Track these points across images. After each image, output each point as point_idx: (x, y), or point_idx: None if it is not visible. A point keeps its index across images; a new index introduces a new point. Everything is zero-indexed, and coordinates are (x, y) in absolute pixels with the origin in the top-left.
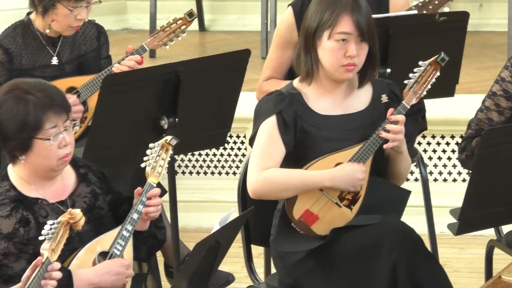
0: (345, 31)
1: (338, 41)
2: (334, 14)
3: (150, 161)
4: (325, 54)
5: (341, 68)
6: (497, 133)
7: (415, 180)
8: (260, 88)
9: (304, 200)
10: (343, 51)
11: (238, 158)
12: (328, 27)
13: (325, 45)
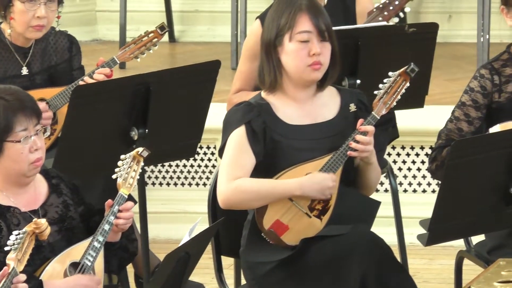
0: (305, 30)
1: (300, 41)
2: (291, 15)
3: (121, 172)
4: (289, 58)
5: (307, 68)
6: (466, 144)
7: (385, 191)
8: (230, 101)
9: (274, 211)
10: (306, 50)
11: (208, 169)
12: (288, 29)
13: (288, 48)
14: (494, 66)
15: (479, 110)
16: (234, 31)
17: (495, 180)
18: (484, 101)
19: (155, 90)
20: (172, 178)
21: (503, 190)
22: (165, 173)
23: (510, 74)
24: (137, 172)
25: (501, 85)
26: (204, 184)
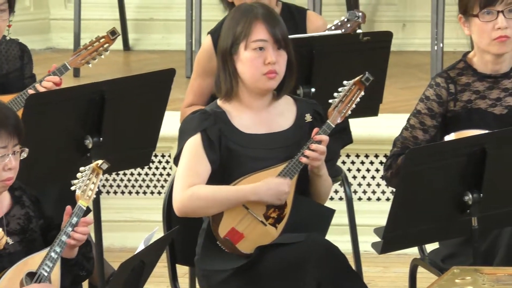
0: (260, 38)
1: (255, 49)
2: (247, 24)
3: (80, 184)
4: (245, 66)
5: (262, 77)
6: (421, 153)
7: (339, 199)
8: (183, 114)
9: (229, 219)
10: (261, 59)
11: (163, 177)
12: (243, 37)
13: (243, 57)
14: (450, 74)
15: (434, 119)
16: (188, 39)
17: (449, 188)
18: (439, 109)
19: (110, 98)
20: (126, 186)
21: (457, 198)
22: (119, 181)
23: (466, 83)
24: (96, 184)
25: (457, 94)
26: (159, 193)
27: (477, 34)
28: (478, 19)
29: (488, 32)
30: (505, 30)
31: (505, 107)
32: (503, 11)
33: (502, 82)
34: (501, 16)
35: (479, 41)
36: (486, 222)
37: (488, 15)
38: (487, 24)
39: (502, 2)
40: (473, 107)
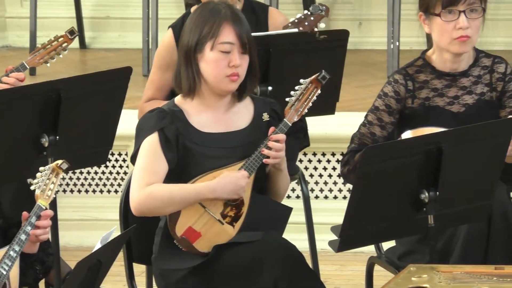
0: (228, 41)
1: (221, 51)
2: (216, 24)
3: (40, 183)
4: (208, 66)
5: (225, 78)
6: (377, 151)
7: (296, 197)
8: (141, 109)
9: (186, 217)
10: (226, 61)
11: (120, 176)
12: (210, 38)
13: (208, 57)
14: (408, 71)
15: (392, 115)
16: (145, 37)
17: (406, 186)
18: (397, 106)
19: (66, 96)
20: (83, 185)
21: (414, 196)
22: (76, 180)
23: (424, 80)
24: (56, 184)
25: (415, 91)
26: (115, 191)
27: (438, 33)
28: (440, 18)
29: (449, 31)
30: (466, 30)
31: (463, 105)
32: (464, 11)
33: (460, 80)
34: (462, 16)
35: (440, 40)
36: (442, 220)
37: (450, 14)
38: (449, 23)
39: (464, 2)
40: (430, 105)
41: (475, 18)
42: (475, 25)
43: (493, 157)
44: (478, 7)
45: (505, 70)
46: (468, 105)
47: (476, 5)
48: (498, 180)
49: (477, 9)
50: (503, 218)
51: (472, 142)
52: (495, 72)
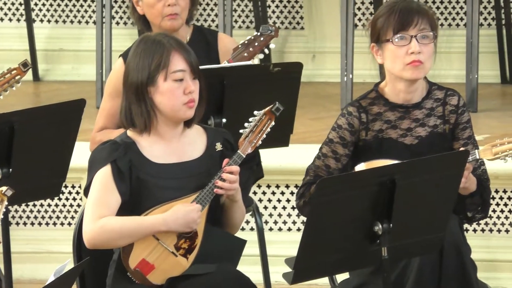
0: (180, 69)
1: (175, 80)
2: (164, 55)
3: None
4: (164, 97)
5: (183, 107)
6: (331, 183)
7: (250, 229)
8: (93, 139)
9: (140, 249)
10: (181, 89)
11: (73, 208)
12: (162, 69)
13: (163, 88)
14: (361, 104)
15: (346, 147)
16: (99, 69)
17: (359, 218)
18: (351, 138)
19: (19, 129)
20: (36, 217)
21: (367, 228)
22: (29, 212)
23: (377, 112)
24: (1, 211)
25: (368, 123)
26: (69, 224)
27: (390, 60)
28: (392, 44)
29: (401, 57)
30: (418, 55)
31: (416, 137)
32: (416, 36)
33: (413, 112)
34: (414, 41)
35: (392, 67)
36: (395, 252)
37: (402, 40)
38: (401, 48)
39: (415, 27)
40: (384, 137)
41: (426, 43)
42: (427, 51)
43: (446, 189)
44: (429, 33)
45: (458, 103)
46: (421, 137)
47: (426, 30)
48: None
49: (428, 35)
50: (455, 250)
51: (425, 174)
52: (448, 104)
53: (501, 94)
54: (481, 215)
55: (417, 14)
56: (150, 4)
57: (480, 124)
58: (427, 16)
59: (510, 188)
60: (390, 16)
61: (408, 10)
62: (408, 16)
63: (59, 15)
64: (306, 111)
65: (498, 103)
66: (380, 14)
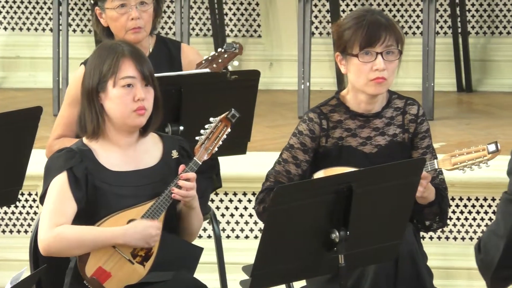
0: (129, 75)
1: (124, 86)
2: (114, 61)
3: None
4: (113, 103)
5: (132, 114)
6: (288, 190)
7: (208, 237)
8: (50, 147)
9: (96, 257)
10: (131, 96)
11: (30, 216)
12: (111, 75)
13: (112, 94)
14: (323, 110)
15: (306, 153)
16: (55, 77)
17: (317, 225)
18: (312, 144)
19: None
20: None
21: (324, 236)
22: None
23: (338, 120)
24: None
25: (329, 130)
26: (25, 231)
27: (354, 74)
28: (357, 59)
29: (366, 72)
30: (383, 72)
31: (375, 146)
32: (382, 53)
33: (373, 121)
34: (379, 58)
35: (356, 81)
36: (352, 260)
37: (367, 55)
38: (366, 64)
39: (382, 44)
40: (344, 144)
41: (391, 60)
42: (391, 67)
43: (403, 197)
44: (394, 49)
45: (417, 112)
46: (380, 146)
47: (393, 47)
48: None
49: (394, 51)
50: (410, 258)
51: (382, 182)
52: (408, 113)
53: (457, 102)
54: (439, 225)
55: (385, 31)
56: (113, 18)
57: (436, 132)
58: (394, 32)
59: (466, 196)
60: (358, 31)
61: (376, 25)
62: (376, 32)
63: (15, 22)
64: (263, 118)
65: (454, 111)
66: (348, 25)
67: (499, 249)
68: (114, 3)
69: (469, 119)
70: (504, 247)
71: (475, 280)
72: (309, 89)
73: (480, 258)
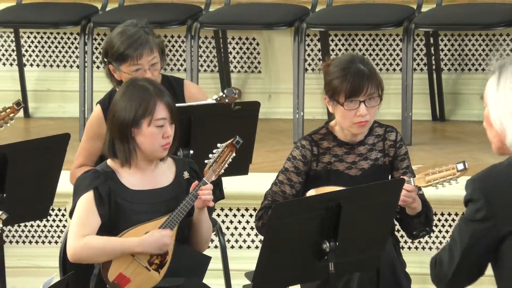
0: (163, 117)
1: (157, 126)
2: (151, 103)
3: None
4: (146, 139)
5: (160, 148)
6: (284, 207)
7: (214, 247)
8: (73, 174)
9: (117, 265)
10: (161, 134)
11: (59, 228)
12: (148, 115)
13: (146, 132)
14: (313, 138)
15: (299, 176)
16: (81, 108)
17: (309, 237)
18: (304, 168)
19: (12, 160)
20: (27, 236)
21: (316, 246)
22: (21, 232)
23: (327, 147)
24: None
25: (319, 155)
26: (55, 242)
27: (340, 117)
28: (343, 107)
29: (350, 117)
30: (365, 116)
31: (359, 169)
32: (364, 101)
33: (357, 148)
34: (362, 105)
35: (342, 122)
36: (341, 267)
37: (352, 103)
38: (350, 111)
39: (364, 94)
40: (332, 168)
41: (373, 106)
42: (372, 111)
43: (384, 212)
44: (376, 96)
45: (396, 138)
46: (364, 169)
47: (374, 94)
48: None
49: (375, 98)
50: (390, 266)
51: (367, 199)
52: (387, 140)
53: (432, 130)
54: (425, 232)
55: (367, 81)
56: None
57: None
58: (375, 81)
59: (440, 211)
60: (343, 83)
61: (359, 77)
62: (359, 84)
63: (47, 60)
64: (263, 144)
65: (429, 138)
66: (335, 75)
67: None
68: (130, 68)
69: (442, 144)
70: (459, 261)
71: None
72: (303, 118)
73: (435, 273)
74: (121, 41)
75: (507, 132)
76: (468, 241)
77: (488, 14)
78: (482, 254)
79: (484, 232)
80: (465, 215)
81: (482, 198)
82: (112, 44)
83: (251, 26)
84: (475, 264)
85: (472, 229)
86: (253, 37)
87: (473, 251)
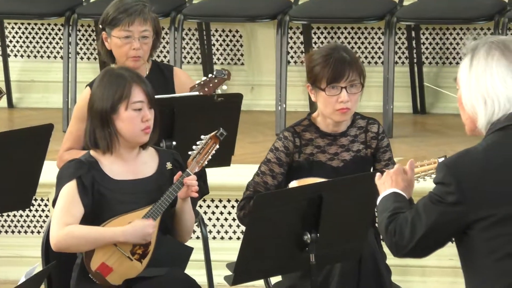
0: (139, 100)
1: (134, 110)
2: (126, 88)
3: None
4: (125, 124)
5: (140, 132)
6: (266, 198)
7: (196, 238)
8: (60, 157)
9: (100, 254)
10: (139, 117)
11: (42, 218)
12: (124, 100)
13: (124, 116)
14: (296, 130)
15: (282, 167)
16: (65, 98)
17: (291, 229)
18: (286, 159)
19: None
20: (10, 226)
21: (298, 238)
22: (4, 222)
23: (309, 138)
24: None
25: (301, 147)
26: (38, 232)
27: (322, 104)
28: (325, 93)
29: (332, 103)
30: (347, 103)
31: (341, 160)
32: (346, 87)
33: (340, 139)
34: (344, 91)
35: (324, 109)
36: (322, 258)
37: (333, 89)
38: (332, 97)
39: (346, 79)
40: (314, 160)
41: (354, 93)
42: (354, 98)
43: (365, 204)
44: (357, 83)
45: (378, 130)
46: (346, 161)
47: (356, 81)
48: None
49: (356, 84)
50: (371, 258)
51: (348, 191)
52: (369, 132)
53: (412, 123)
54: None
55: (349, 67)
56: (118, 45)
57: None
58: (357, 68)
59: None
60: (325, 68)
61: (341, 63)
62: (341, 70)
63: (31, 51)
64: (245, 136)
65: (410, 130)
66: (317, 62)
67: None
68: (121, 33)
69: (423, 137)
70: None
71: (427, 276)
72: (285, 110)
73: (394, 242)
74: (116, 7)
75: (478, 115)
76: (434, 219)
77: (469, 8)
78: (446, 234)
79: (453, 216)
80: (434, 194)
81: (454, 183)
82: (107, 11)
83: (234, 19)
84: (437, 241)
85: (440, 210)
86: (236, 30)
87: (437, 229)
